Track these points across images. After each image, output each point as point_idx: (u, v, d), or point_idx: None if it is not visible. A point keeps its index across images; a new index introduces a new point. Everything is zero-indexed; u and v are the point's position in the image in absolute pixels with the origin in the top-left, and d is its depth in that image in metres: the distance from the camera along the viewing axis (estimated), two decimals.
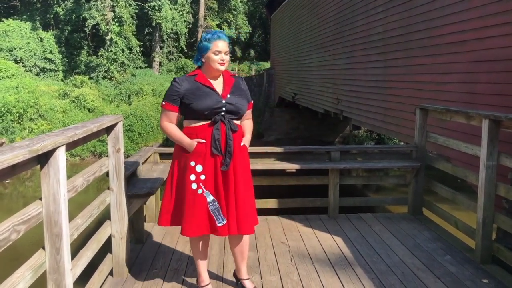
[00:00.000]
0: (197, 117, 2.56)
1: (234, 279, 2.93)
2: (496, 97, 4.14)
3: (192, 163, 2.54)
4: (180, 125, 2.64)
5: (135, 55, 23.55)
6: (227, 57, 2.58)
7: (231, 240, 2.75)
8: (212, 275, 3.03)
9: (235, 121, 2.60)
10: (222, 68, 2.57)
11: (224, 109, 2.54)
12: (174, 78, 2.63)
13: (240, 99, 2.62)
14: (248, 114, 2.76)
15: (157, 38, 25.21)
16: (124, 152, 2.91)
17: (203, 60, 2.59)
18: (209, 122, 2.55)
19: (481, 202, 3.27)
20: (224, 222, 2.53)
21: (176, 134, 2.60)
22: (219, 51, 2.54)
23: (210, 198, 2.53)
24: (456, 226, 3.83)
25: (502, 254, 3.18)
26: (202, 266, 2.77)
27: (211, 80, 2.60)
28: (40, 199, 1.98)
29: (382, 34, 6.84)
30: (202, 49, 2.56)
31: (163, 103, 2.59)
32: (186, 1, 25.88)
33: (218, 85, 2.61)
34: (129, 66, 22.88)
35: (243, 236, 2.69)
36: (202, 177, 2.53)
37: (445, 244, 3.66)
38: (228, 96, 2.58)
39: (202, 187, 2.53)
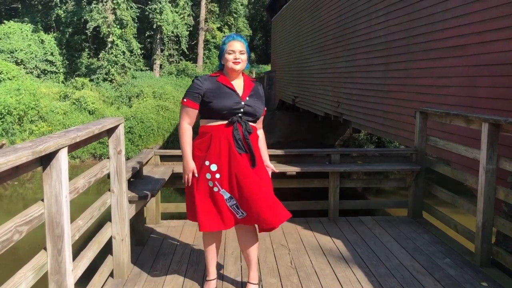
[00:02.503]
0: (215, 117, 2.60)
1: (233, 280, 2.98)
2: (497, 101, 4.15)
3: (207, 163, 2.58)
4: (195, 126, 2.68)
5: (136, 57, 23.58)
6: (242, 56, 2.63)
7: (240, 244, 2.78)
8: None
9: (251, 124, 2.65)
10: (237, 67, 2.61)
11: (242, 110, 2.59)
12: (196, 77, 2.71)
13: (258, 102, 2.68)
14: (260, 122, 2.80)
15: (158, 40, 25.25)
16: (125, 154, 2.92)
17: (223, 62, 2.67)
18: (225, 122, 2.59)
19: (480, 205, 3.27)
20: (245, 215, 2.58)
21: (184, 147, 2.64)
22: (233, 50, 2.61)
23: (226, 195, 2.58)
24: (455, 230, 3.84)
25: (502, 258, 3.19)
26: (212, 261, 2.83)
27: (232, 82, 2.66)
28: (42, 200, 1.99)
29: (383, 37, 6.86)
30: (220, 52, 2.68)
31: (184, 100, 2.63)
32: (187, 4, 25.91)
33: (238, 87, 2.67)
34: (130, 69, 22.89)
35: (252, 240, 2.72)
36: (217, 176, 2.57)
37: (445, 247, 3.67)
38: (247, 98, 2.63)
39: (218, 185, 2.57)
